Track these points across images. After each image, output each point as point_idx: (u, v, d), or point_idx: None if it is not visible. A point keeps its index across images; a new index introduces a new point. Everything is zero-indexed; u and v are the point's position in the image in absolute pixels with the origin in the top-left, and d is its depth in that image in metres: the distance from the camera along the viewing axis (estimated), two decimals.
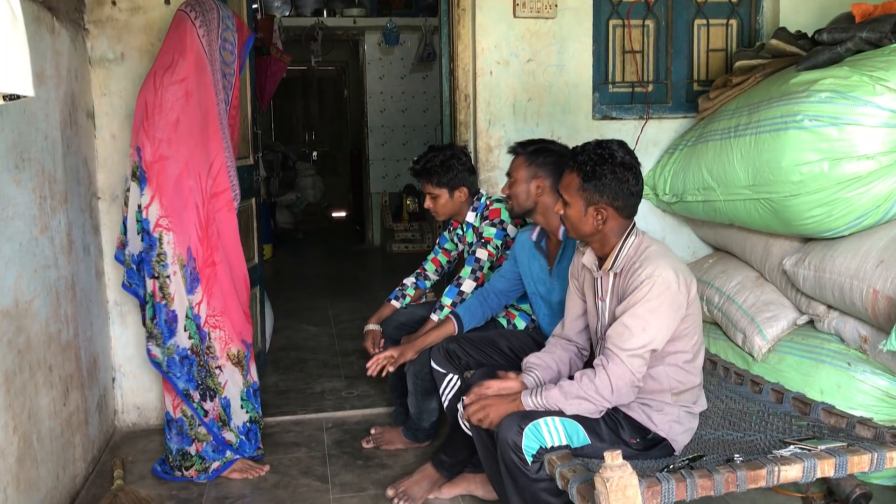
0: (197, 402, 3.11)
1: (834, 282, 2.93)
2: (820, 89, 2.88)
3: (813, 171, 2.89)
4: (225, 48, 3.06)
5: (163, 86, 2.95)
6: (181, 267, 3.02)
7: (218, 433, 3.15)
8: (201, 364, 3.09)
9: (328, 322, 5.67)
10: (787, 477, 1.91)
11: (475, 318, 3.09)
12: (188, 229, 3.02)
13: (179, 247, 3.01)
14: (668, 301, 2.22)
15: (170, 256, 3.01)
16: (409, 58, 8.85)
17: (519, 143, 3.00)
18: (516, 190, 2.94)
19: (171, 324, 3.05)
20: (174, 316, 3.05)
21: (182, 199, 3.00)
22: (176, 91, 2.95)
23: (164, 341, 3.05)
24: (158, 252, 3.00)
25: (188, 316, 3.05)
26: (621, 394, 2.22)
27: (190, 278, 3.04)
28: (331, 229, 11.29)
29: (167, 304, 3.03)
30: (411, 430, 3.37)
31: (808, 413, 2.52)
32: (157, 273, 3.01)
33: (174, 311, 3.04)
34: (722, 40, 4.12)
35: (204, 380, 3.10)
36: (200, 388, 3.10)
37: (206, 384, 3.11)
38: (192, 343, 3.07)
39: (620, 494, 1.73)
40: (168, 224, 2.99)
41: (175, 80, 2.95)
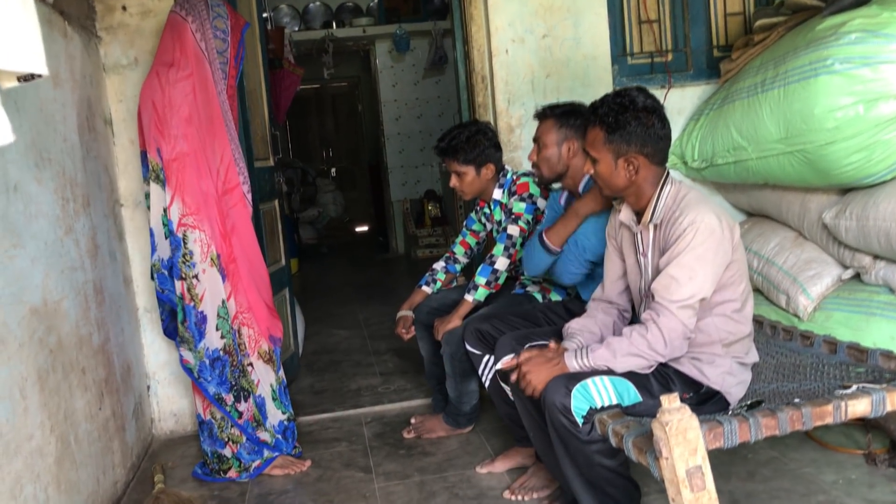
0: (230, 405, 3.04)
1: (879, 228, 2.83)
2: (849, 31, 2.78)
3: (848, 116, 2.79)
4: (217, 36, 3.02)
5: (169, 83, 2.91)
6: (213, 263, 2.97)
7: (253, 433, 3.09)
8: (234, 364, 3.03)
9: (359, 325, 5.62)
10: (856, 412, 1.81)
11: None
12: (214, 226, 2.98)
13: (213, 242, 2.96)
14: (714, 247, 2.13)
15: (197, 255, 2.96)
16: (421, 63, 8.85)
17: (548, 106, 2.92)
18: (546, 154, 2.85)
19: (200, 325, 2.99)
20: (203, 317, 2.99)
21: (204, 194, 2.96)
22: (184, 87, 2.91)
23: (196, 344, 2.99)
24: (184, 252, 2.96)
25: (220, 314, 3.00)
26: (674, 346, 2.13)
27: (221, 275, 3.00)
28: (354, 242, 11.27)
29: (195, 305, 2.98)
30: (452, 415, 3.29)
31: (865, 360, 2.41)
32: (185, 274, 2.97)
33: (203, 313, 2.99)
34: (739, 4, 4.03)
35: (238, 380, 3.05)
36: (234, 390, 3.04)
37: (241, 385, 3.05)
38: (225, 343, 3.02)
39: (681, 438, 1.65)
40: (193, 221, 2.95)
41: (181, 77, 2.91)
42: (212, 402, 3.05)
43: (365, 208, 12.07)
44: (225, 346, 3.01)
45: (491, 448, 3.17)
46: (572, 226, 2.76)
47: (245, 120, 3.59)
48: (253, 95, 3.91)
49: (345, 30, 8.55)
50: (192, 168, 2.93)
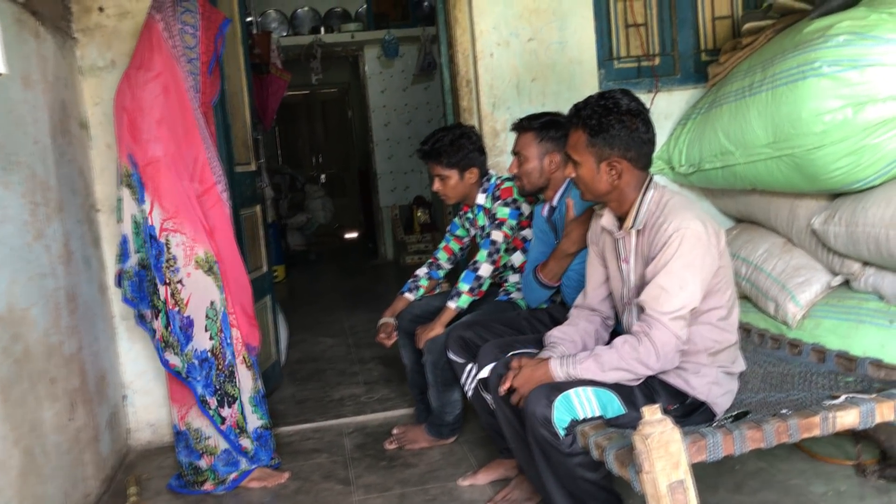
0: (214, 409, 2.96)
1: (868, 234, 2.77)
2: (837, 33, 2.73)
3: (836, 120, 2.74)
4: (185, 31, 2.93)
5: (138, 84, 2.85)
6: (205, 266, 2.89)
7: (235, 440, 3.01)
8: (221, 367, 2.94)
9: (344, 333, 5.54)
10: (844, 423, 1.75)
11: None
12: (197, 227, 2.90)
13: (200, 245, 2.88)
14: (701, 253, 2.07)
15: (180, 259, 2.87)
16: (410, 69, 8.79)
17: (526, 118, 2.88)
18: (528, 168, 2.82)
19: (186, 329, 2.90)
20: (189, 321, 2.91)
21: (184, 196, 2.88)
22: (153, 88, 2.84)
23: (182, 348, 2.90)
24: (167, 257, 2.87)
25: (209, 316, 2.91)
26: (667, 360, 2.07)
27: (220, 276, 2.93)
28: (344, 249, 11.19)
29: (180, 310, 2.89)
30: (434, 426, 3.22)
31: (854, 369, 2.36)
32: (168, 279, 2.88)
33: (189, 317, 2.90)
34: (727, 7, 3.99)
35: (223, 384, 2.96)
36: (218, 394, 2.96)
37: (225, 389, 2.96)
38: (213, 344, 2.93)
39: (663, 451, 1.58)
40: (174, 226, 2.87)
41: (150, 77, 2.84)
42: (197, 404, 2.96)
43: (354, 215, 11.98)
44: (213, 347, 2.92)
45: (474, 459, 3.10)
46: (565, 264, 2.72)
47: (226, 124, 3.52)
48: (235, 99, 3.84)
49: (333, 35, 8.49)
50: (168, 171, 2.85)
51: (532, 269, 2.82)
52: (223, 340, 2.94)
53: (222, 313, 2.94)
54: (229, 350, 2.96)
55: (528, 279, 2.87)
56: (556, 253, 2.73)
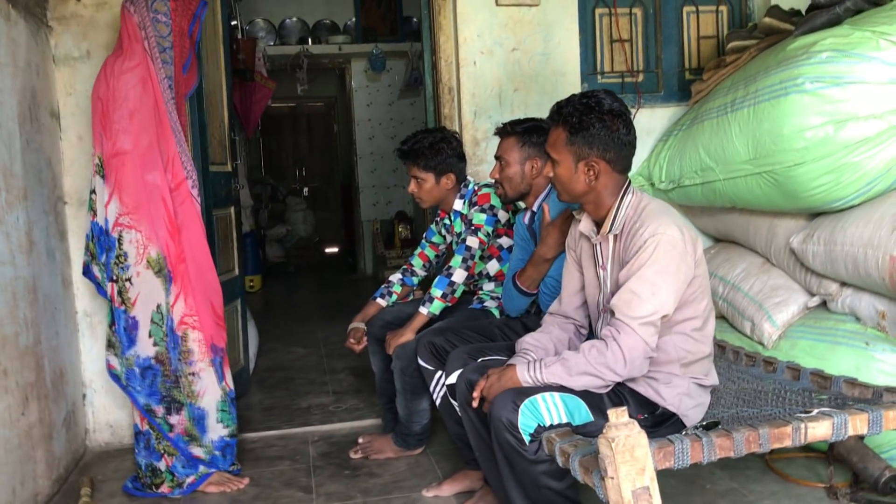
0: (161, 416, 2.88)
1: (846, 254, 2.74)
2: (820, 49, 2.72)
3: (817, 136, 2.71)
4: (158, 20, 2.87)
5: (114, 74, 2.79)
6: (155, 267, 2.81)
7: (185, 448, 2.91)
8: (167, 374, 2.86)
9: (317, 344, 5.45)
10: (815, 435, 1.70)
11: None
12: (157, 226, 2.83)
13: (154, 244, 2.81)
14: (676, 261, 2.02)
15: (131, 257, 2.81)
16: (397, 84, 8.75)
17: (509, 123, 2.83)
18: (509, 173, 2.77)
19: (130, 331, 2.83)
20: (134, 323, 2.83)
21: (147, 193, 2.81)
22: (129, 79, 2.78)
23: (124, 351, 2.83)
24: (118, 253, 2.81)
25: (154, 321, 2.83)
26: (634, 366, 2.01)
27: (169, 277, 2.84)
28: (323, 263, 11.08)
29: (126, 309, 2.82)
30: (401, 436, 3.14)
31: (828, 387, 2.31)
32: (116, 276, 2.82)
33: (134, 318, 2.83)
34: (713, 27, 3.99)
35: (169, 391, 2.87)
36: (165, 401, 2.87)
37: (172, 396, 2.88)
38: (158, 350, 2.85)
39: (628, 455, 1.52)
40: (130, 221, 2.80)
41: (128, 68, 2.79)
42: (141, 412, 2.88)
43: (336, 230, 11.89)
44: (157, 354, 2.84)
45: (441, 471, 3.02)
46: (543, 269, 2.67)
47: (202, 121, 3.45)
48: (212, 98, 3.78)
49: (321, 46, 8.44)
50: (134, 164, 2.79)
51: (511, 277, 2.77)
52: (168, 345, 2.85)
53: (168, 317, 2.85)
54: (174, 355, 2.86)
55: (507, 287, 2.81)
56: (533, 259, 2.68)
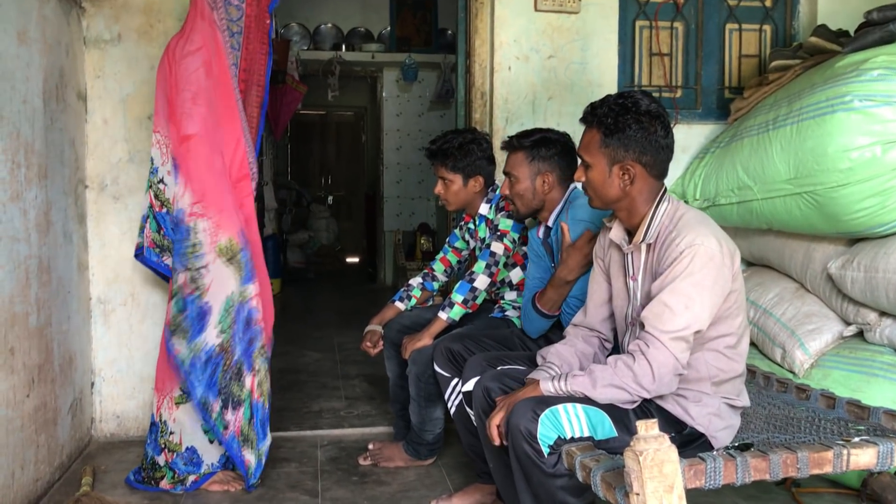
0: (217, 413, 2.73)
1: (889, 281, 2.62)
2: (871, 67, 2.62)
3: (864, 157, 2.61)
4: (230, 2, 2.81)
5: (175, 59, 2.69)
6: (227, 254, 2.70)
7: (238, 451, 2.76)
8: (227, 365, 2.73)
9: (332, 349, 5.38)
10: (858, 463, 1.59)
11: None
12: (227, 213, 2.71)
13: (225, 231, 2.69)
14: (713, 274, 1.92)
15: (205, 245, 2.69)
16: (427, 96, 8.71)
17: (515, 136, 2.72)
18: (520, 189, 2.65)
19: (202, 318, 2.71)
20: (207, 309, 2.70)
21: (214, 179, 2.70)
22: (191, 63, 2.68)
23: (192, 337, 2.70)
24: (193, 242, 2.69)
25: (225, 309, 2.71)
26: (663, 383, 1.90)
27: (249, 266, 2.73)
28: (343, 272, 11.03)
29: (200, 295, 2.70)
30: (413, 444, 3.04)
31: (866, 418, 2.18)
32: (190, 265, 2.70)
33: (208, 304, 2.70)
34: (755, 46, 3.89)
35: (228, 384, 2.73)
36: (223, 395, 2.73)
37: (231, 390, 2.74)
38: (223, 339, 2.72)
39: (657, 471, 1.42)
40: (202, 210, 2.69)
41: (190, 50, 2.69)
42: (196, 408, 2.75)
43: (358, 240, 11.85)
44: (222, 343, 2.72)
45: (451, 484, 2.92)
46: (564, 292, 2.56)
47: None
48: None
49: (354, 53, 8.43)
50: (199, 150, 2.68)
51: (531, 299, 2.66)
52: (234, 335, 2.73)
53: (237, 306, 2.73)
54: (240, 347, 2.74)
55: (527, 308, 2.70)
56: (553, 281, 2.57)
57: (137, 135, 3.29)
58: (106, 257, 3.30)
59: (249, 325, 2.74)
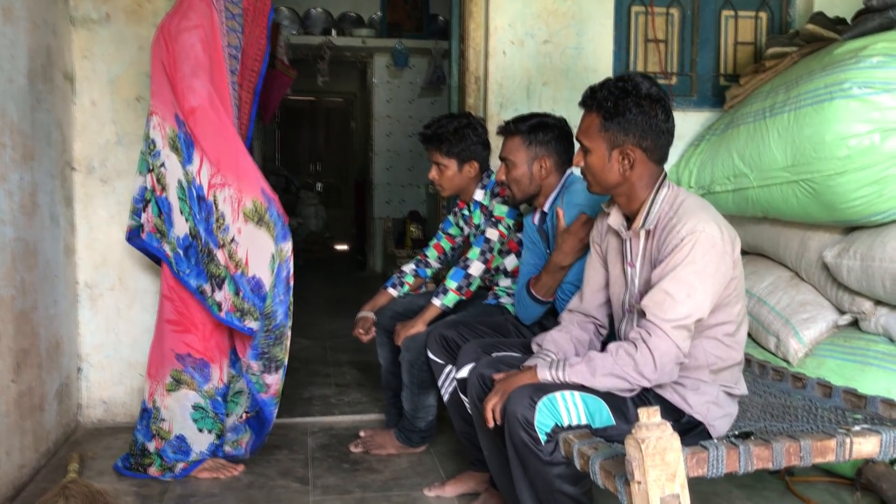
0: (257, 374, 2.73)
1: (885, 270, 2.61)
2: (871, 54, 2.60)
3: (862, 145, 2.59)
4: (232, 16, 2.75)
5: (171, 35, 2.62)
6: (254, 217, 2.58)
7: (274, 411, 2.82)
8: (269, 329, 2.66)
9: (323, 337, 5.34)
10: (861, 451, 1.57)
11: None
12: (247, 175, 2.61)
13: (248, 194, 2.58)
14: (714, 261, 1.89)
15: (228, 216, 2.60)
16: (418, 82, 8.64)
17: (512, 121, 2.68)
18: (516, 174, 2.61)
19: (259, 291, 2.62)
20: (258, 281, 2.62)
21: (226, 145, 2.61)
22: (189, 37, 2.60)
23: (260, 310, 2.63)
24: (216, 217, 2.62)
25: (273, 271, 2.61)
26: (664, 372, 1.88)
27: (280, 223, 2.62)
28: (332, 259, 10.97)
29: (243, 272, 2.61)
30: (405, 431, 3.01)
31: (863, 407, 2.18)
32: (222, 241, 2.62)
33: (255, 277, 2.61)
34: (751, 33, 3.86)
35: (270, 348, 2.70)
36: (264, 358, 2.71)
37: (272, 354, 2.71)
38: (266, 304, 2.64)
39: (659, 459, 1.39)
40: (221, 180, 2.60)
41: (187, 26, 2.61)
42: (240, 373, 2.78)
43: (347, 227, 11.78)
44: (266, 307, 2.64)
45: (444, 471, 2.89)
46: (559, 277, 2.53)
47: None
48: None
49: (344, 38, 8.34)
50: (206, 119, 2.60)
51: (525, 284, 2.63)
52: (275, 297, 2.64)
53: (278, 267, 2.62)
54: (281, 309, 2.66)
55: (521, 294, 2.67)
56: (548, 266, 2.54)
57: (126, 117, 3.23)
58: (94, 241, 3.25)
59: (287, 284, 2.66)
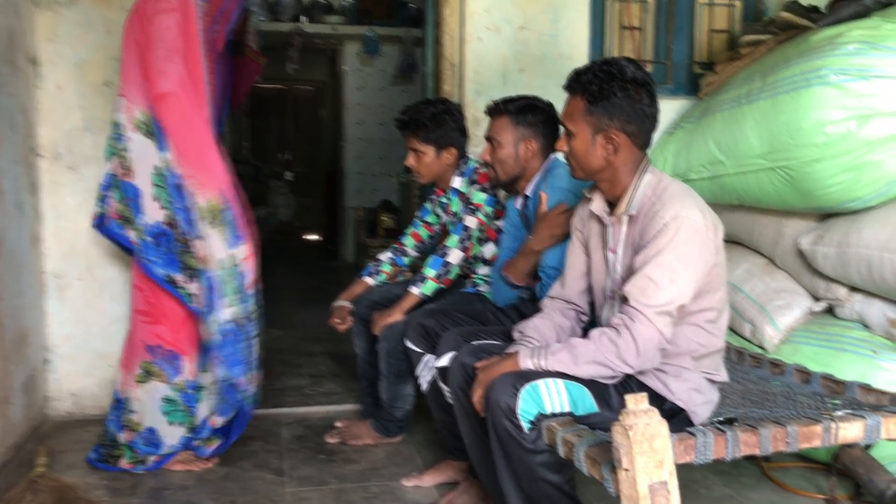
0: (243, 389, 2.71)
1: (861, 257, 2.62)
2: (847, 41, 2.60)
3: (839, 132, 2.59)
4: None
5: (146, 16, 2.55)
6: (208, 216, 2.53)
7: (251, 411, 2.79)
8: (247, 339, 2.66)
9: (295, 327, 5.28)
10: (846, 437, 1.57)
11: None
12: (215, 170, 2.56)
13: (206, 190, 2.53)
14: (697, 247, 1.88)
15: (196, 211, 2.54)
16: (390, 70, 8.57)
17: (501, 101, 2.65)
18: (501, 154, 2.59)
19: (210, 293, 2.57)
20: (211, 284, 2.57)
21: (197, 134, 2.55)
22: (163, 20, 2.53)
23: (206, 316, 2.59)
24: (187, 205, 2.56)
25: (224, 279, 2.56)
26: (647, 358, 1.86)
27: (232, 227, 2.57)
28: (302, 249, 10.87)
29: (205, 268, 2.57)
30: (382, 421, 2.98)
31: (841, 392, 2.19)
32: (202, 233, 2.56)
33: (210, 277, 2.56)
34: (725, 21, 3.86)
35: (247, 356, 2.69)
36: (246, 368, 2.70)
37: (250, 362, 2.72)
38: (234, 313, 2.60)
39: (647, 446, 1.38)
40: (191, 171, 2.54)
41: (163, 8, 2.54)
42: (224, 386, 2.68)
43: (317, 217, 11.69)
44: (234, 317, 2.60)
45: (421, 461, 2.87)
46: (532, 260, 2.51)
47: None
48: None
49: (314, 25, 8.24)
50: (178, 106, 2.53)
51: (499, 268, 2.62)
52: (241, 307, 2.62)
53: (231, 273, 2.58)
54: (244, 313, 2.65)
55: (495, 277, 2.67)
56: (523, 249, 2.53)
57: (94, 102, 3.15)
58: (61, 229, 3.17)
59: (244, 291, 2.62)
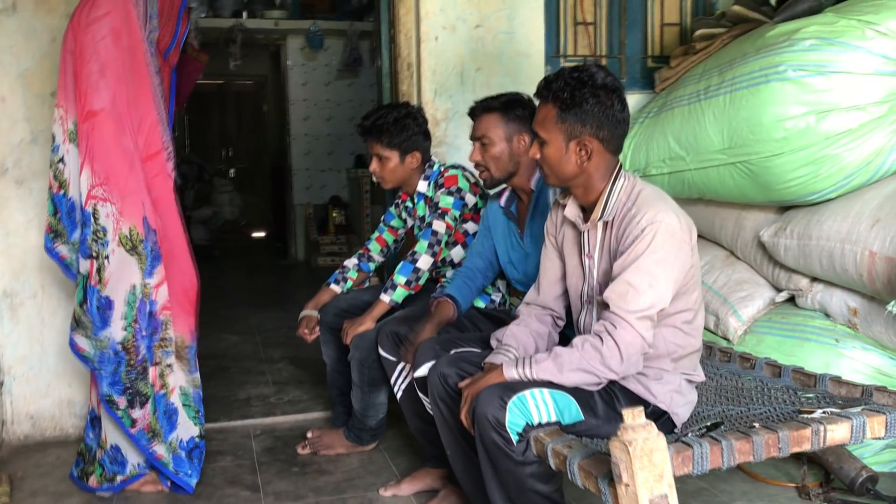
0: (123, 409, 2.56)
1: (822, 248, 2.68)
2: (804, 37, 2.64)
3: (798, 127, 2.64)
4: None
5: (80, 26, 2.47)
6: (127, 244, 2.50)
7: (147, 446, 2.61)
8: (132, 364, 2.55)
9: (251, 331, 5.18)
10: (834, 438, 1.61)
11: (468, 300, 2.66)
12: (138, 197, 2.51)
13: (127, 219, 2.49)
14: (674, 250, 1.90)
15: (109, 232, 2.49)
16: (334, 64, 8.47)
17: (484, 99, 2.60)
18: (495, 152, 2.51)
19: (104, 311, 2.51)
20: (109, 303, 2.52)
21: (121, 161, 2.49)
22: (97, 30, 2.46)
23: (96, 332, 2.51)
24: (94, 229, 2.49)
25: (128, 303, 2.52)
26: (630, 363, 1.87)
27: (151, 256, 2.52)
28: (250, 247, 10.71)
29: (100, 289, 2.50)
30: (354, 430, 2.95)
31: (812, 385, 2.23)
32: (96, 253, 2.50)
33: (109, 298, 2.51)
34: (676, 14, 3.91)
35: (134, 382, 2.56)
36: (129, 393, 2.56)
37: (137, 388, 2.57)
38: (125, 336, 2.53)
39: (646, 461, 1.38)
40: (104, 193, 2.48)
41: (97, 17, 2.46)
42: (102, 403, 2.57)
43: (263, 213, 11.53)
44: (125, 339, 2.53)
45: (396, 468, 2.85)
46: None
47: None
48: None
49: (256, 21, 8.09)
50: (106, 127, 2.47)
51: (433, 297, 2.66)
52: (137, 332, 2.55)
53: (140, 300, 2.54)
54: (144, 343, 2.56)
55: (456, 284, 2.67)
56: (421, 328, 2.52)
57: (40, 113, 3.03)
58: (11, 247, 3.06)
59: (153, 317, 2.57)
